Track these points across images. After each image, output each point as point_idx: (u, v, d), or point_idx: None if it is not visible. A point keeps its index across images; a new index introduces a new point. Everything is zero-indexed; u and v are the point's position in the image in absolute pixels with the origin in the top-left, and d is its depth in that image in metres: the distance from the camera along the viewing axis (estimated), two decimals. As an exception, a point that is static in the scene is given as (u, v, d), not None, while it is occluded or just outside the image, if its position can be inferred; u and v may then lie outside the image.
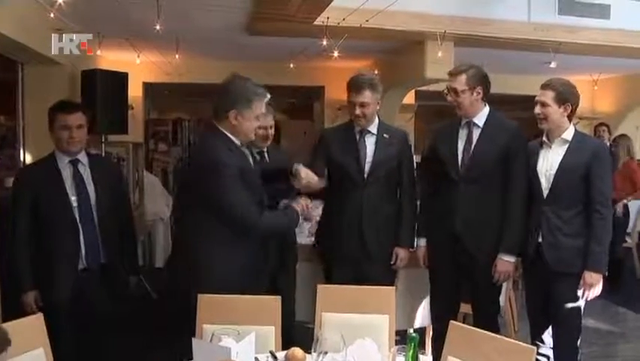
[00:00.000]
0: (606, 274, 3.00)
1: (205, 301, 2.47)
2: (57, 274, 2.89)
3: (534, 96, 3.09)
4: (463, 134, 3.22)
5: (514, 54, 5.96)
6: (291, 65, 6.59)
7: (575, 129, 3.09)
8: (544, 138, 3.10)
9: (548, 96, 3.00)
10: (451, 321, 2.31)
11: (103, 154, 5.45)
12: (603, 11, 5.51)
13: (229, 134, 2.69)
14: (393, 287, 2.82)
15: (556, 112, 3.00)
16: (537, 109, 3.04)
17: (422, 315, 3.71)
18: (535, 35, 5.31)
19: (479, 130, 3.18)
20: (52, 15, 3.90)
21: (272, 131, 3.47)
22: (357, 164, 3.31)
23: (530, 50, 5.65)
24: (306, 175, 2.93)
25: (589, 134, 7.05)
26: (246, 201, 2.62)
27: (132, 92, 6.12)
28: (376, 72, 7.08)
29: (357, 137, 3.36)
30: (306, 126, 10.09)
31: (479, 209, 3.14)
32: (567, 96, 3.01)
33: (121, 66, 5.95)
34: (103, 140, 5.55)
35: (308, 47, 5.64)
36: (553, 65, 5.52)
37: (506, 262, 3.12)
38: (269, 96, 2.74)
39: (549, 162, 3.05)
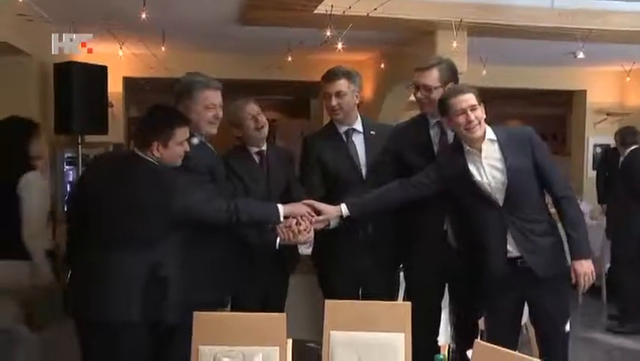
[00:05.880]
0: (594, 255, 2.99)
1: (201, 319, 2.44)
2: None
3: (557, 90, 3.04)
4: (434, 134, 3.20)
5: (536, 44, 5.94)
6: (289, 59, 6.57)
7: (489, 125, 2.96)
8: (467, 147, 2.94)
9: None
10: (476, 340, 2.31)
11: (80, 157, 5.43)
12: (636, -8, 5.43)
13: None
14: (409, 303, 2.81)
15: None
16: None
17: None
18: (559, 22, 5.28)
19: (453, 133, 3.10)
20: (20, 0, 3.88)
21: (263, 120, 3.35)
22: (352, 167, 3.32)
23: (553, 39, 5.63)
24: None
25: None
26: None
27: (111, 88, 6.10)
28: (382, 66, 7.09)
29: (345, 138, 3.36)
30: (303, 125, 10.11)
31: None
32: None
33: (98, 59, 5.92)
34: (80, 141, 5.53)
35: (307, 39, 5.63)
36: (581, 55, 5.46)
37: None
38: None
39: (488, 169, 2.92)
